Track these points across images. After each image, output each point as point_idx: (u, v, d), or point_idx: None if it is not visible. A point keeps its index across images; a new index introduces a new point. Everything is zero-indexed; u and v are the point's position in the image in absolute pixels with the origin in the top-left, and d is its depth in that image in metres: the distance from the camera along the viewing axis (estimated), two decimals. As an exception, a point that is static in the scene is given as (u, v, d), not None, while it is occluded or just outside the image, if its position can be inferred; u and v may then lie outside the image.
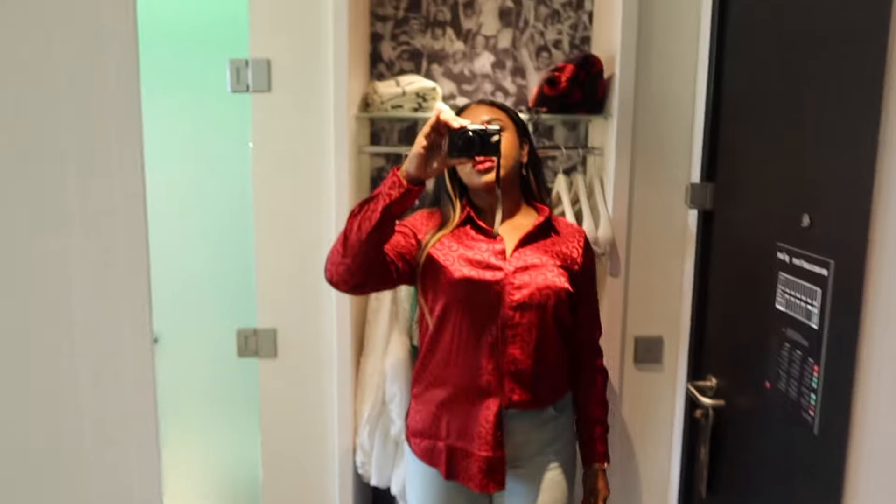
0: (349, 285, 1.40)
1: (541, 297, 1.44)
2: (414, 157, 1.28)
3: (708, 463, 1.64)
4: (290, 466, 1.98)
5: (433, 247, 1.48)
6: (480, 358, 1.45)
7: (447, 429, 1.49)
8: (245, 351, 1.95)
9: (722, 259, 1.68)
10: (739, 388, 1.54)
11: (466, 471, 1.48)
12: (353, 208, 1.35)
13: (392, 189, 1.29)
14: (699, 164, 1.75)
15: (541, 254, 1.49)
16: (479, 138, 1.29)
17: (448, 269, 1.44)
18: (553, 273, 1.47)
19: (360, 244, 1.32)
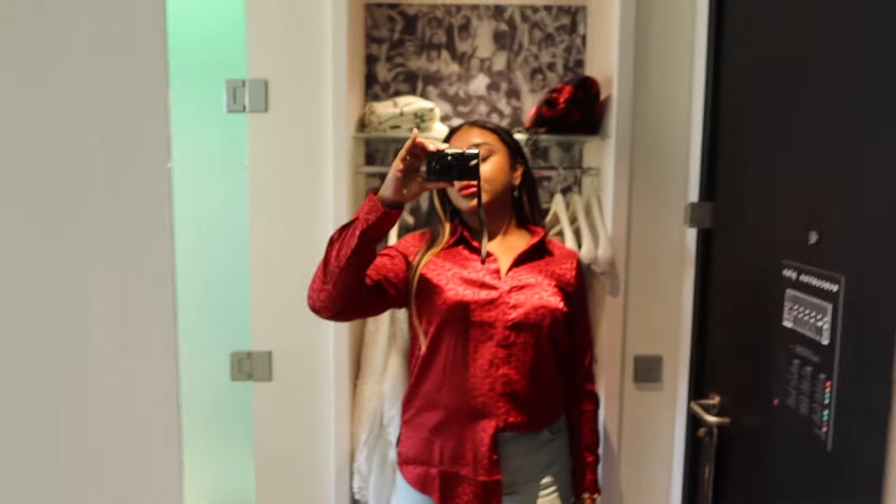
0: (331, 312, 1.38)
1: (536, 317, 1.43)
2: (390, 181, 1.26)
3: (713, 482, 1.63)
4: (284, 492, 1.93)
5: (426, 267, 1.47)
6: (475, 379, 1.42)
7: (440, 454, 1.46)
8: (239, 374, 1.91)
9: (723, 277, 1.69)
10: (745, 405, 1.53)
11: (462, 497, 1.44)
12: (333, 234, 1.34)
13: (369, 214, 1.27)
14: (697, 184, 1.77)
15: (535, 273, 1.48)
16: (456, 162, 1.27)
17: (442, 289, 1.43)
18: (548, 292, 1.46)
19: (339, 270, 1.30)
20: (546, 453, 1.50)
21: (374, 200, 1.27)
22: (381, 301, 1.44)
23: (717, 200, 1.72)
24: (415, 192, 1.29)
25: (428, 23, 2.19)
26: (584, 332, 1.60)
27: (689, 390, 1.82)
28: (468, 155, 1.29)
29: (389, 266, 1.47)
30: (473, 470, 1.42)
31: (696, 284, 1.78)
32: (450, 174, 1.27)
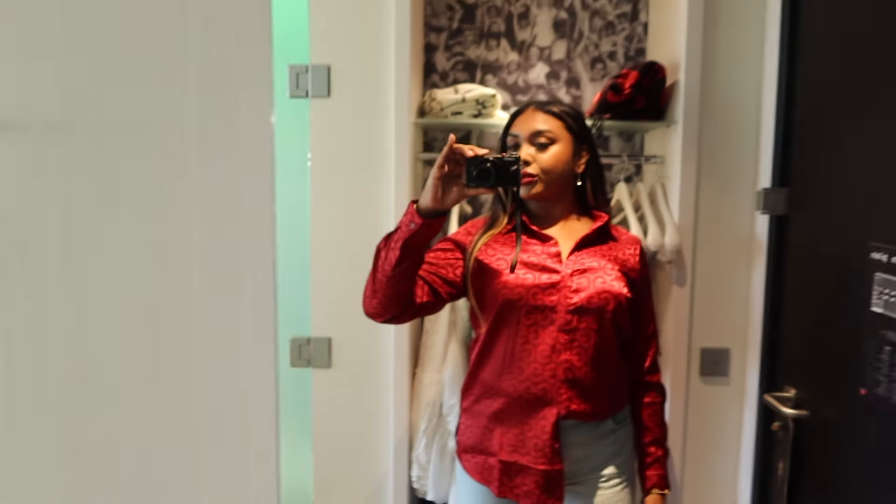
0: (384, 319, 1.37)
1: (599, 301, 1.38)
2: (429, 189, 1.23)
3: (788, 479, 1.57)
4: (342, 479, 1.92)
5: (482, 251, 1.43)
6: (536, 365, 1.38)
7: (500, 442, 1.42)
8: (298, 360, 1.91)
9: (799, 264, 1.63)
10: (826, 396, 1.47)
11: (522, 487, 1.40)
12: (379, 243, 1.32)
13: (409, 224, 1.24)
14: (770, 169, 1.71)
15: (598, 258, 1.43)
16: (496, 169, 1.22)
17: (500, 273, 1.39)
18: (611, 277, 1.40)
19: (386, 280, 1.29)
20: (610, 443, 1.45)
21: (413, 210, 1.24)
22: (437, 300, 1.41)
23: (792, 185, 1.66)
24: (454, 199, 1.24)
25: (487, 11, 2.17)
26: (649, 321, 1.54)
27: (759, 383, 1.76)
28: (508, 161, 1.24)
29: (443, 261, 1.43)
30: (535, 459, 1.38)
31: (767, 273, 1.72)
32: (487, 181, 1.22)
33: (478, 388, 1.46)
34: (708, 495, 1.90)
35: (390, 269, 1.27)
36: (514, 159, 1.25)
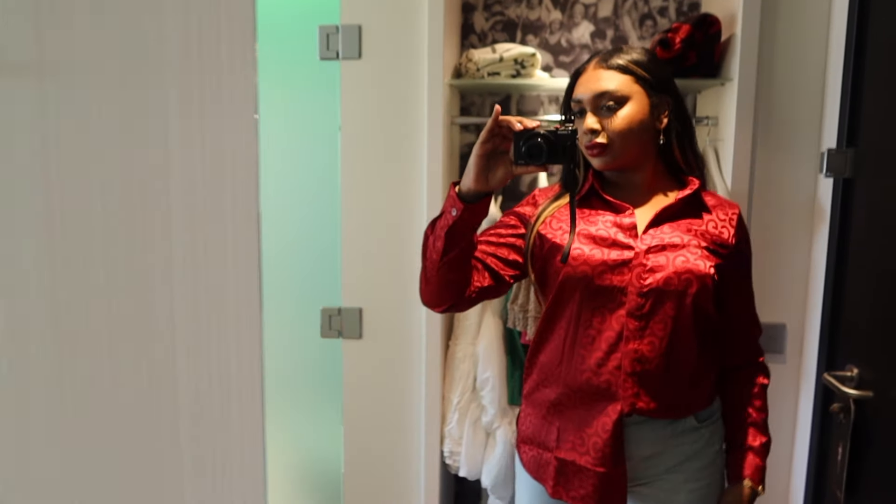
0: (442, 308, 1.24)
1: (679, 283, 1.17)
2: (472, 168, 1.08)
3: (848, 464, 1.45)
4: (373, 453, 1.87)
5: (546, 224, 1.26)
6: (600, 353, 1.20)
7: (557, 437, 1.25)
8: (329, 331, 1.86)
9: (865, 232, 1.48)
10: (894, 376, 1.34)
11: (578, 490, 1.23)
12: (427, 227, 1.19)
13: (452, 209, 1.11)
14: (836, 129, 1.56)
15: (682, 232, 1.21)
16: (547, 144, 1.07)
17: (563, 247, 1.22)
18: (696, 255, 1.19)
19: (436, 270, 1.16)
20: (689, 443, 1.24)
21: (454, 195, 1.11)
22: (499, 284, 1.25)
23: (860, 146, 1.51)
24: (501, 180, 1.09)
25: (528, -33, 2.05)
26: (748, 301, 1.32)
27: (818, 361, 1.63)
28: (563, 135, 1.08)
29: (504, 240, 1.28)
30: (593, 460, 1.20)
31: (830, 240, 1.58)
32: (539, 158, 1.07)
33: (537, 373, 1.29)
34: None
35: (438, 259, 1.15)
36: (569, 133, 1.08)
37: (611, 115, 1.20)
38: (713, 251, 1.21)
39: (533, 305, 1.72)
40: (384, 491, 1.89)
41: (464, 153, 2.12)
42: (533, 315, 1.72)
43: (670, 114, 1.25)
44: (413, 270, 1.80)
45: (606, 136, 1.20)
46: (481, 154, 1.08)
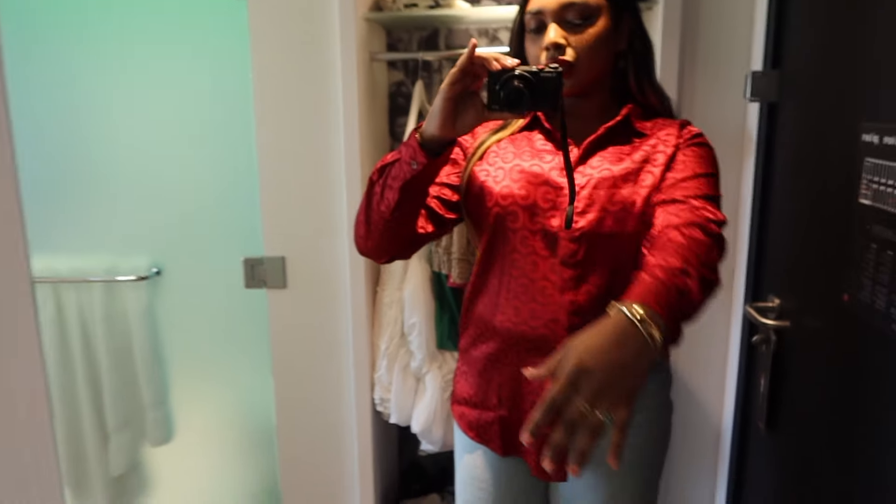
0: (385, 260, 1.14)
1: (613, 224, 1.04)
2: (437, 111, 0.94)
3: (769, 394, 1.43)
4: (304, 403, 1.84)
5: (482, 161, 1.14)
6: (535, 305, 1.09)
7: (498, 395, 1.16)
8: (252, 281, 1.80)
9: (788, 159, 1.43)
10: (808, 305, 1.31)
11: (522, 447, 1.16)
12: (372, 173, 1.05)
13: (412, 160, 0.97)
14: (762, 50, 1.49)
15: (615, 163, 1.07)
16: (528, 88, 0.92)
17: (491, 189, 1.10)
18: (632, 188, 1.05)
19: (384, 223, 1.04)
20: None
21: (416, 145, 0.97)
22: (441, 229, 1.14)
23: (785, 67, 1.44)
24: (470, 125, 0.96)
25: None
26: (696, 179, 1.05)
27: (745, 294, 1.59)
28: (547, 77, 0.92)
29: (446, 177, 1.14)
30: None
31: (756, 169, 1.53)
32: (519, 105, 0.92)
33: (473, 326, 1.18)
34: (695, 412, 1.77)
35: (388, 212, 1.02)
36: (554, 75, 0.93)
37: (577, 31, 1.06)
38: (650, 181, 1.06)
39: (457, 247, 1.67)
40: (317, 440, 1.86)
41: (392, 92, 2.03)
42: (457, 257, 1.67)
43: (631, 35, 1.12)
44: (335, 217, 1.74)
45: (574, 52, 1.05)
46: (450, 97, 0.93)
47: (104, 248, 1.84)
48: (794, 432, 1.37)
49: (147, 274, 1.81)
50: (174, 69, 1.77)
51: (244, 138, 1.74)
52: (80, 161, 1.80)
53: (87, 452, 1.95)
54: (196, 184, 1.80)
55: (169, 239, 1.82)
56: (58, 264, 1.84)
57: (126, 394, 1.90)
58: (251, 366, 1.89)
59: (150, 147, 1.79)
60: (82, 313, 1.85)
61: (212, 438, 1.96)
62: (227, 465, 1.98)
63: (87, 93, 1.77)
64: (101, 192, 1.81)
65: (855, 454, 1.14)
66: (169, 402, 1.93)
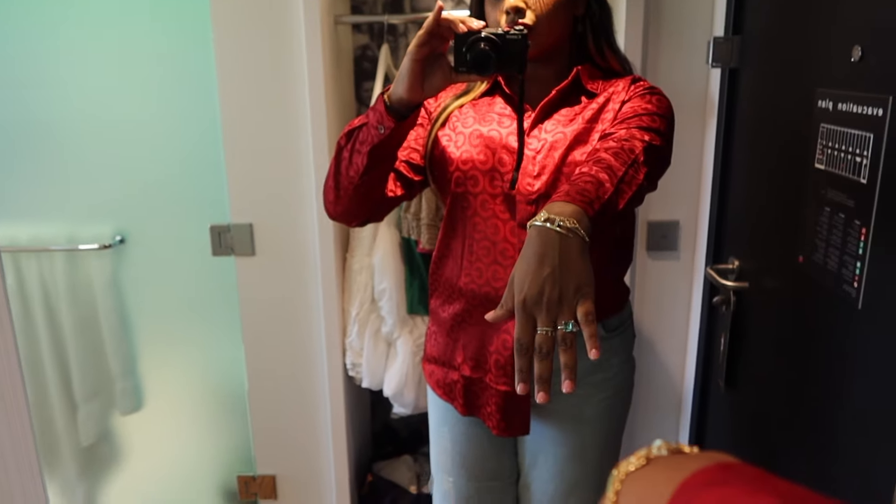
0: (356, 223, 1.16)
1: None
2: (405, 74, 0.94)
3: (727, 353, 1.48)
4: (275, 370, 1.85)
5: (446, 125, 1.16)
6: (497, 267, 1.11)
7: (463, 355, 1.19)
8: (220, 248, 1.79)
9: (749, 125, 1.46)
10: (766, 266, 1.35)
11: (485, 407, 1.18)
12: (340, 138, 1.06)
13: (379, 124, 0.98)
14: (723, 16, 1.51)
15: (564, 126, 1.09)
16: (495, 50, 0.93)
17: (452, 155, 1.12)
18: (585, 149, 1.06)
19: (354, 187, 1.05)
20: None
21: (383, 109, 0.98)
22: (410, 191, 1.16)
23: (746, 33, 1.47)
24: (438, 87, 0.97)
25: None
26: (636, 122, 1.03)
27: (706, 257, 1.64)
28: (513, 39, 0.94)
29: (413, 141, 1.16)
30: (495, 377, 1.14)
31: (717, 134, 1.56)
32: (485, 67, 0.94)
33: (441, 288, 1.21)
34: (658, 371, 1.83)
35: (357, 176, 1.03)
36: (520, 37, 0.94)
37: None
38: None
39: (426, 213, 1.67)
40: (290, 406, 1.88)
41: (357, 56, 2.00)
42: (426, 223, 1.68)
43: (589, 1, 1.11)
44: (302, 183, 1.73)
45: (533, 14, 1.05)
46: (417, 59, 0.94)
47: (65, 217, 1.80)
48: (751, 390, 1.43)
49: (111, 242, 1.78)
50: (134, 33, 1.72)
51: (208, 103, 1.71)
52: (38, 128, 1.75)
53: (56, 423, 1.94)
54: (159, 150, 1.77)
55: (132, 206, 1.79)
56: (17, 233, 1.80)
57: (93, 363, 1.89)
58: (221, 333, 1.88)
59: (110, 113, 1.75)
60: (44, 283, 1.82)
61: (183, 406, 1.96)
62: (198, 432, 1.98)
63: (46, 57, 1.71)
64: (60, 160, 1.77)
65: (807, 409, 1.19)
66: (138, 371, 1.92)
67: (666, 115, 1.08)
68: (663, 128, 1.05)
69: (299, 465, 1.93)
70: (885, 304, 0.95)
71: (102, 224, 1.81)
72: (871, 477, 0.98)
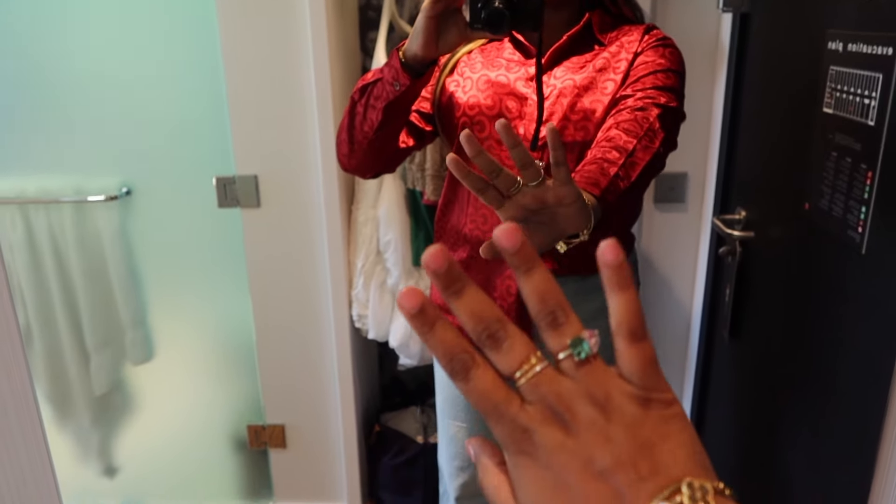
0: (370, 175, 1.18)
1: (575, 132, 1.05)
2: (419, 31, 0.93)
3: (733, 303, 1.48)
4: (282, 321, 1.87)
5: (454, 72, 1.16)
6: None
7: None
8: (226, 201, 1.79)
9: (759, 71, 1.43)
10: (773, 215, 1.34)
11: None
12: (353, 93, 1.06)
13: (395, 81, 0.98)
14: (736, -42, 1.47)
15: (576, 72, 1.08)
16: (510, 7, 0.91)
17: (459, 100, 1.12)
18: (593, 97, 1.06)
19: (368, 143, 1.07)
20: (598, 300, 1.12)
21: (398, 66, 0.97)
22: (421, 142, 1.18)
23: (759, -23, 1.43)
24: (453, 44, 0.95)
25: None
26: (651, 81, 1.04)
27: (714, 207, 1.62)
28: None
29: (425, 90, 1.16)
30: None
31: (728, 82, 1.53)
32: (500, 26, 0.91)
33: (447, 235, 1.22)
34: (664, 321, 1.83)
35: (372, 133, 1.05)
36: None
37: None
38: (611, 88, 1.06)
39: (431, 164, 1.66)
40: (297, 357, 1.90)
41: (362, 6, 1.97)
42: (431, 174, 1.67)
43: None
44: (307, 134, 1.72)
45: None
46: (432, 15, 0.92)
47: (72, 169, 1.81)
48: (755, 339, 1.43)
49: (117, 194, 1.79)
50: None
51: (212, 54, 1.70)
52: (44, 80, 1.75)
53: (69, 372, 1.98)
54: (164, 101, 1.76)
55: (138, 158, 1.79)
56: (26, 185, 1.81)
57: (104, 314, 1.92)
58: (229, 285, 1.90)
59: (116, 65, 1.74)
60: (53, 234, 1.83)
61: (193, 357, 1.99)
62: (209, 382, 2.02)
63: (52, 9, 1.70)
64: (67, 112, 1.77)
65: (809, 354, 1.19)
66: (148, 321, 1.95)
67: (680, 69, 1.08)
68: (678, 84, 1.06)
69: (308, 414, 1.97)
70: (888, 247, 0.94)
71: (109, 176, 1.82)
72: (866, 415, 0.99)
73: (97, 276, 1.87)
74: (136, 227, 1.85)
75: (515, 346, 0.31)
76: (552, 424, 0.30)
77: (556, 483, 0.29)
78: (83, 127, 1.78)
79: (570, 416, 0.30)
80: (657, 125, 0.97)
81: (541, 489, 0.30)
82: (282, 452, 2.02)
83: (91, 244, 1.85)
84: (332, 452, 2.00)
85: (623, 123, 0.96)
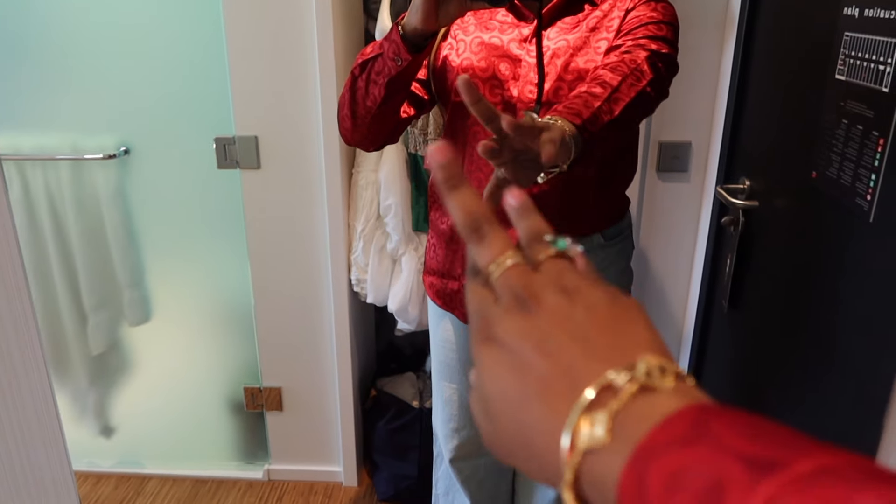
0: (374, 148, 1.18)
1: (569, 92, 1.05)
2: (419, 5, 0.92)
3: (733, 273, 1.48)
4: (281, 284, 1.87)
5: (448, 37, 1.16)
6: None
7: (463, 265, 1.22)
8: (225, 162, 1.77)
9: (769, 38, 1.42)
10: (778, 184, 1.33)
11: None
12: (353, 68, 1.06)
13: (396, 56, 0.97)
14: (749, -78, 1.44)
15: (570, 32, 1.08)
16: None
17: (452, 63, 1.13)
18: (586, 57, 1.06)
19: (371, 117, 1.07)
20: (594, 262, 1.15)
21: (398, 40, 0.96)
22: (421, 110, 1.19)
23: (772, -58, 1.40)
24: (453, 16, 0.94)
25: None
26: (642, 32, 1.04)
27: (717, 177, 1.62)
28: None
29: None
30: None
31: (737, 51, 1.51)
32: None
33: (442, 199, 1.24)
34: (663, 290, 1.83)
35: (375, 107, 1.05)
36: None
37: None
38: (604, 47, 1.06)
39: (432, 128, 1.65)
40: (295, 320, 1.90)
41: (365, -35, 1.93)
42: (433, 138, 1.65)
43: None
44: (308, 95, 1.69)
45: None
46: None
47: (69, 126, 1.78)
48: (754, 309, 1.44)
49: (115, 153, 1.77)
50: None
51: (213, 14, 1.66)
52: (41, 37, 1.71)
53: (66, 332, 1.97)
54: (163, 60, 1.73)
55: (137, 117, 1.76)
56: (21, 142, 1.78)
57: (101, 274, 1.90)
58: (227, 247, 1.88)
59: (115, 22, 1.70)
60: (50, 193, 1.81)
61: (190, 319, 1.98)
62: (206, 344, 2.01)
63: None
64: (64, 69, 1.73)
65: (811, 322, 1.20)
66: (145, 282, 1.94)
67: (672, 21, 1.08)
68: (670, 35, 1.06)
69: (305, 377, 1.97)
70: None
71: (107, 135, 1.79)
72: (867, 383, 0.99)
73: (95, 235, 1.85)
74: (134, 186, 1.83)
75: (495, 241, 0.33)
76: (516, 313, 0.31)
77: (512, 363, 0.30)
78: (81, 83, 1.75)
79: (535, 302, 0.31)
80: (645, 66, 0.97)
81: (499, 373, 0.30)
82: (278, 415, 2.02)
83: (88, 203, 1.83)
84: (329, 416, 2.01)
85: (610, 64, 0.97)
